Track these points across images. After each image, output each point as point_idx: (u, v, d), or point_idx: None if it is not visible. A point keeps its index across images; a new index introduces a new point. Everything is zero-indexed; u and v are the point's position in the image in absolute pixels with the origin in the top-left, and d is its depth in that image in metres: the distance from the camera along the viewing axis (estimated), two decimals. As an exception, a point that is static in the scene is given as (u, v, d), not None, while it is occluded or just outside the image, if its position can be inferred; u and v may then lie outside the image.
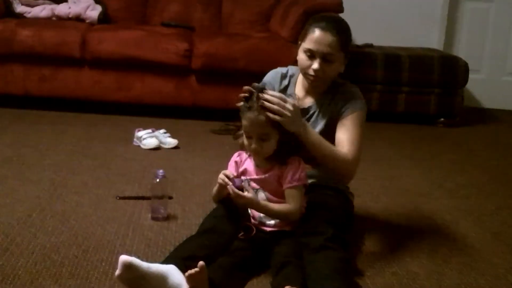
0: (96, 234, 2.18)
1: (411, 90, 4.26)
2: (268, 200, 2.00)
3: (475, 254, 2.25)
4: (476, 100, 5.02)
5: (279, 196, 2.00)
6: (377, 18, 4.79)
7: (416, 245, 2.28)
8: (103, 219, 2.32)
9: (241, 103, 1.95)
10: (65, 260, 1.96)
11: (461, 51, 4.89)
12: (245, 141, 1.99)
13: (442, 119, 4.35)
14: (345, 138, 2.11)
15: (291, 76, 2.27)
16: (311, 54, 2.09)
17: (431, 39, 4.85)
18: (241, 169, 2.07)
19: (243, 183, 2.02)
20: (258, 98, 1.91)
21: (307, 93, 2.22)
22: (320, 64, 2.07)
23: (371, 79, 4.21)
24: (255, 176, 2.02)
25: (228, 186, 1.95)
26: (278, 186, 1.99)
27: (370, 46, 4.49)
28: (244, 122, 1.95)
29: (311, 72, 2.10)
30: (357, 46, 4.53)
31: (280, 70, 2.30)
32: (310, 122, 2.18)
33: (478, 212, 2.70)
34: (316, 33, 2.07)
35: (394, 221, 2.54)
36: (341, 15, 3.81)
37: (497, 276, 2.07)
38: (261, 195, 2.02)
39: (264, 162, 2.00)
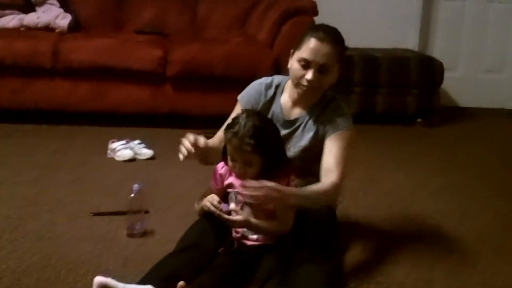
0: (70, 254, 2.11)
1: (389, 91, 4.24)
2: (254, 214, 1.94)
3: (460, 258, 2.22)
4: (453, 99, 5.02)
5: (266, 210, 1.94)
6: (352, 20, 4.73)
7: (400, 252, 2.24)
8: (77, 237, 2.24)
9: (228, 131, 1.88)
10: (37, 284, 1.89)
11: (437, 50, 4.88)
12: (229, 162, 1.93)
13: (420, 119, 4.33)
14: (331, 161, 2.04)
15: (277, 86, 2.20)
16: (306, 64, 2.01)
17: (407, 39, 4.83)
18: (226, 182, 2.01)
19: (229, 196, 1.98)
20: (244, 123, 1.85)
21: (295, 104, 2.15)
22: (315, 75, 2.00)
23: (349, 81, 4.17)
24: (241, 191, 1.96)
25: (218, 214, 1.88)
26: None
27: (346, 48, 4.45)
28: (229, 146, 1.89)
29: (304, 82, 2.03)
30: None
31: (264, 80, 2.22)
32: (295, 135, 2.13)
33: (461, 214, 2.67)
34: (313, 42, 2.00)
35: (377, 227, 2.50)
36: (316, 18, 3.83)
37: (483, 282, 2.04)
38: (247, 210, 1.96)
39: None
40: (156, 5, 4.45)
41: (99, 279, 1.62)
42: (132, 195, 2.27)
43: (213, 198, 1.93)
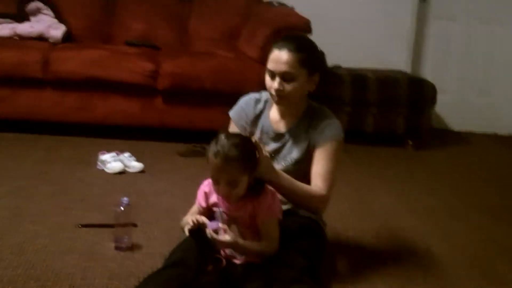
0: (55, 266, 2.06)
1: (379, 111, 4.24)
2: (241, 232, 1.91)
3: (449, 280, 2.21)
4: (444, 122, 5.04)
5: (252, 228, 1.91)
6: (345, 39, 4.78)
7: (389, 273, 2.22)
8: (62, 249, 2.20)
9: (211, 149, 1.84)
10: (21, 297, 1.84)
11: (427, 71, 4.91)
12: (213, 186, 1.89)
13: (410, 141, 4.33)
14: (319, 172, 2.08)
15: (266, 101, 2.22)
16: (272, 74, 2.07)
17: (399, 59, 4.85)
18: (211, 201, 1.97)
19: (216, 215, 1.94)
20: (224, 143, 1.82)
21: (283, 117, 2.17)
22: (280, 83, 2.04)
23: (339, 100, 4.17)
24: (227, 211, 1.93)
25: (207, 231, 1.84)
26: (250, 220, 1.90)
27: (339, 67, 4.47)
28: (210, 167, 1.85)
29: (273, 91, 2.07)
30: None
31: (253, 95, 2.25)
32: (286, 147, 2.14)
33: (450, 235, 2.66)
34: (274, 53, 2.06)
35: (365, 247, 2.48)
36: (309, 35, 3.83)
37: (473, 305, 2.02)
38: (233, 228, 1.92)
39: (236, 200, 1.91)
40: (147, 18, 4.43)
41: None
42: (120, 207, 2.22)
43: (200, 217, 1.89)
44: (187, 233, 1.89)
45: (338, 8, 4.77)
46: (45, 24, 4.08)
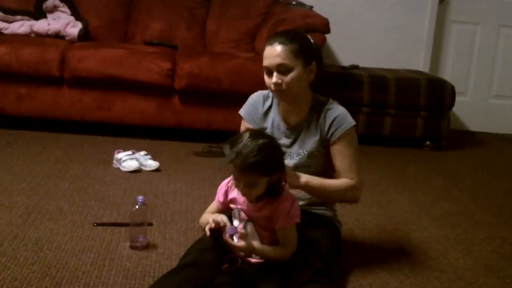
0: (70, 264, 2.06)
1: (397, 113, 4.21)
2: (257, 232, 1.91)
3: (465, 284, 2.17)
4: (462, 123, 5.00)
5: (269, 229, 1.91)
6: (363, 40, 4.76)
7: (406, 277, 2.20)
8: (78, 248, 2.20)
9: (227, 147, 1.84)
10: (36, 294, 1.85)
11: (447, 73, 4.87)
12: (234, 182, 1.89)
13: (428, 142, 4.30)
14: (344, 165, 2.11)
15: (274, 97, 2.21)
16: (268, 71, 2.07)
17: (417, 61, 4.82)
18: (230, 197, 1.98)
19: (233, 213, 1.94)
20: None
21: (291, 112, 2.17)
22: (276, 77, 2.04)
23: (357, 101, 4.15)
24: (245, 209, 1.93)
25: (223, 236, 1.85)
26: (267, 222, 1.90)
27: (356, 67, 4.45)
28: (232, 167, 1.84)
29: (273, 87, 2.07)
30: (343, 67, 4.49)
31: (262, 92, 2.26)
32: (297, 141, 2.14)
33: (468, 241, 2.63)
34: (266, 49, 2.07)
35: (382, 251, 2.45)
36: (328, 36, 3.82)
37: (491, 312, 1.99)
38: (250, 227, 1.92)
39: (255, 199, 1.90)
40: (165, 17, 4.44)
41: None
42: (136, 207, 2.23)
43: (222, 218, 1.89)
44: (208, 232, 1.89)
45: (357, 8, 4.76)
46: (62, 22, 4.11)
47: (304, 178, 2.03)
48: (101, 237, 2.32)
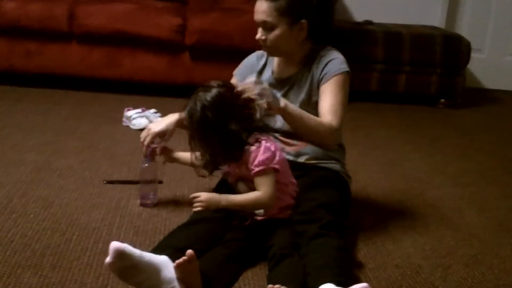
0: (80, 221, 2.06)
1: (412, 70, 4.12)
2: (250, 188, 1.89)
3: (481, 246, 2.14)
4: (478, 81, 4.89)
5: None
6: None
7: (419, 235, 2.17)
8: (88, 204, 2.19)
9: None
10: (46, 250, 1.84)
11: (463, 29, 4.74)
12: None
13: (443, 100, 4.22)
14: (327, 106, 2.07)
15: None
16: (257, 25, 2.07)
17: (433, 16, 4.69)
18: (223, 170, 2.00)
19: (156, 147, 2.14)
20: None
21: (284, 65, 2.17)
22: (261, 32, 2.05)
23: (371, 58, 4.07)
24: (230, 170, 1.94)
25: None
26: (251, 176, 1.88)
27: (370, 23, 4.34)
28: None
29: (260, 42, 2.08)
30: (357, 23, 4.39)
31: (256, 52, 2.27)
32: (292, 92, 2.14)
33: (483, 200, 2.58)
34: (256, 4, 2.07)
35: (395, 209, 2.42)
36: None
37: (505, 271, 1.96)
38: (242, 186, 1.93)
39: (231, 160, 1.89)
40: (176, -29, 4.34)
41: (115, 244, 1.53)
42: (145, 164, 2.20)
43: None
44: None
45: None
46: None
47: (284, 101, 1.98)
48: (111, 194, 2.30)
